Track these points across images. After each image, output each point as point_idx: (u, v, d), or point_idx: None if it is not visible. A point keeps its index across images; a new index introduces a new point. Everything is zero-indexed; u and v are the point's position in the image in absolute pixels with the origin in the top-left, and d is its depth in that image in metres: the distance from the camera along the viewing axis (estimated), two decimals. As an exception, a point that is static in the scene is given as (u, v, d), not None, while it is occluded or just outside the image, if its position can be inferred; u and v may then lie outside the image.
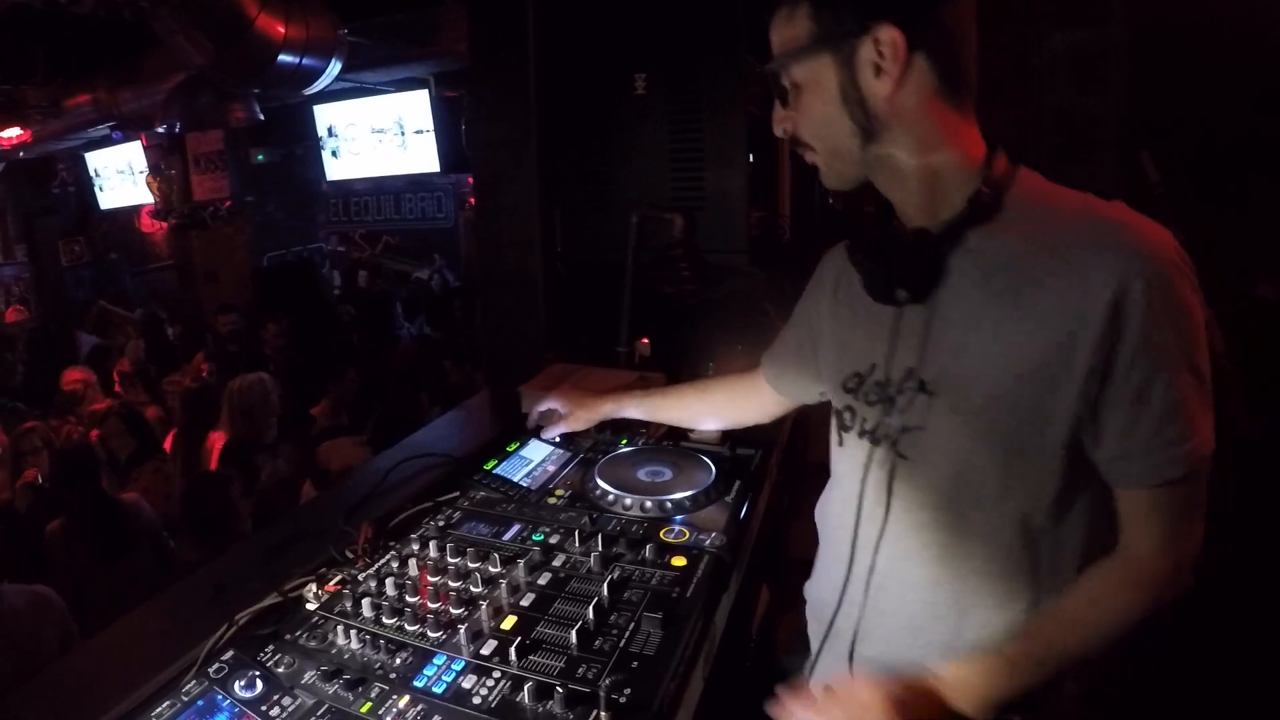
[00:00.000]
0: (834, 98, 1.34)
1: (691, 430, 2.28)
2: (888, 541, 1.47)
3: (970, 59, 1.37)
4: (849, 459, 1.54)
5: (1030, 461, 1.31)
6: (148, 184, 10.18)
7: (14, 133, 8.78)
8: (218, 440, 5.40)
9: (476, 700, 1.31)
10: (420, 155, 8.86)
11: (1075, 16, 3.46)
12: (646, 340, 2.90)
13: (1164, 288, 1.20)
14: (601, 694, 1.25)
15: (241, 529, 4.06)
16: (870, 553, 1.49)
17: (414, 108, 8.65)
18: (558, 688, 1.28)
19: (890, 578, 1.48)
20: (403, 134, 8.91)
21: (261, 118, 7.40)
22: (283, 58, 5.93)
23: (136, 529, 4.26)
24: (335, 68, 6.42)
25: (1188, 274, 1.24)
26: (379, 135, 9.15)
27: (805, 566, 1.74)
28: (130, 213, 12.93)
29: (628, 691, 1.30)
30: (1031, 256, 1.27)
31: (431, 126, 8.55)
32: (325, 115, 9.53)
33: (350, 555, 1.76)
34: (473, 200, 12.49)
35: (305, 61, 6.11)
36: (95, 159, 12.00)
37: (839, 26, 1.30)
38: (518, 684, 1.33)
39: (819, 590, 1.67)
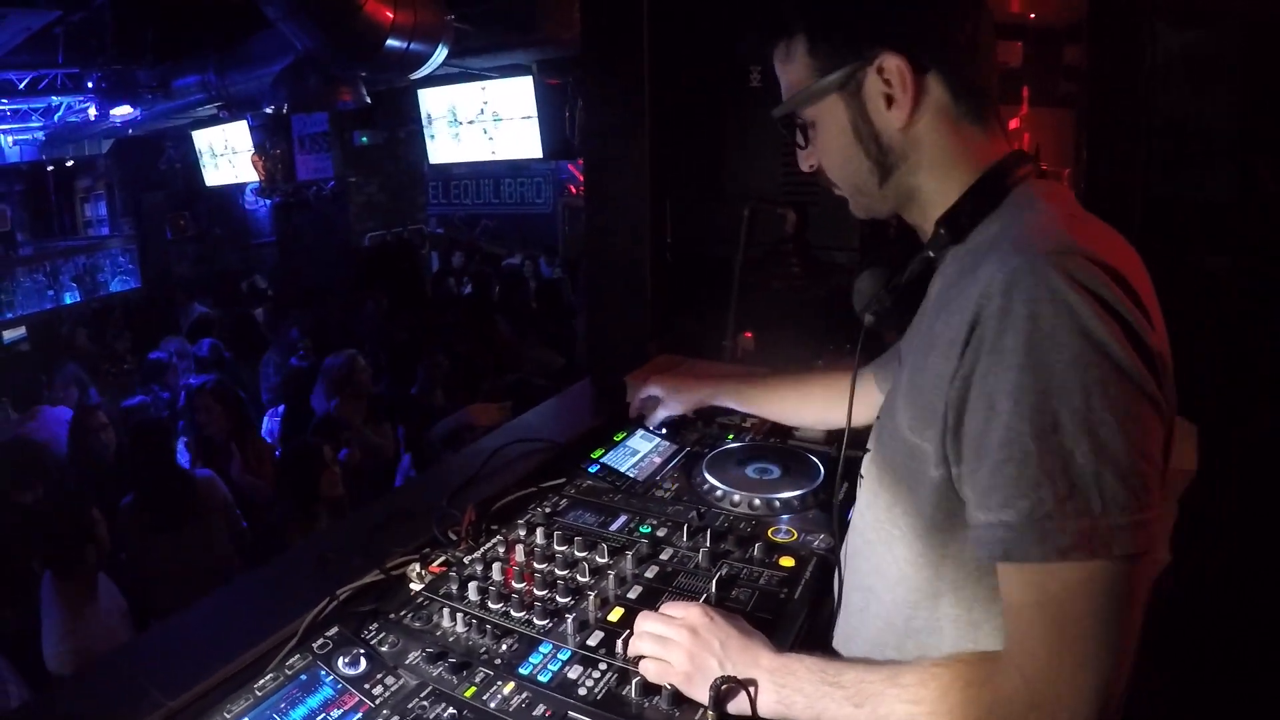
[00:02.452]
0: (847, 135, 1.30)
1: (796, 428, 2.25)
2: (854, 553, 1.46)
3: (991, 66, 1.31)
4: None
5: (921, 506, 1.21)
6: (252, 162, 10.41)
7: (124, 110, 9.02)
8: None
9: (582, 691, 1.30)
10: (522, 141, 8.89)
11: (1190, 16, 3.35)
12: (750, 335, 2.87)
13: (1025, 310, 1.00)
14: (711, 693, 1.23)
15: (336, 496, 4.14)
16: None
17: (517, 94, 8.68)
18: (666, 685, 1.26)
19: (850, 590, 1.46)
20: (506, 119, 8.95)
21: (368, 100, 7.50)
22: (391, 42, 6.00)
23: (208, 504, 4.35)
24: (442, 53, 6.48)
25: (1076, 307, 0.99)
26: (481, 120, 9.21)
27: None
28: (235, 190, 13.26)
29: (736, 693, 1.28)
30: (961, 274, 1.19)
31: (534, 113, 8.57)
32: (429, 99, 9.62)
33: (454, 537, 1.76)
34: (572, 188, 12.67)
35: (413, 46, 6.18)
36: (202, 137, 12.30)
37: (838, 60, 1.26)
38: (624, 677, 1.32)
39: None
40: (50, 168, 13.03)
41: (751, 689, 1.22)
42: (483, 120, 9.20)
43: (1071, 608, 1.00)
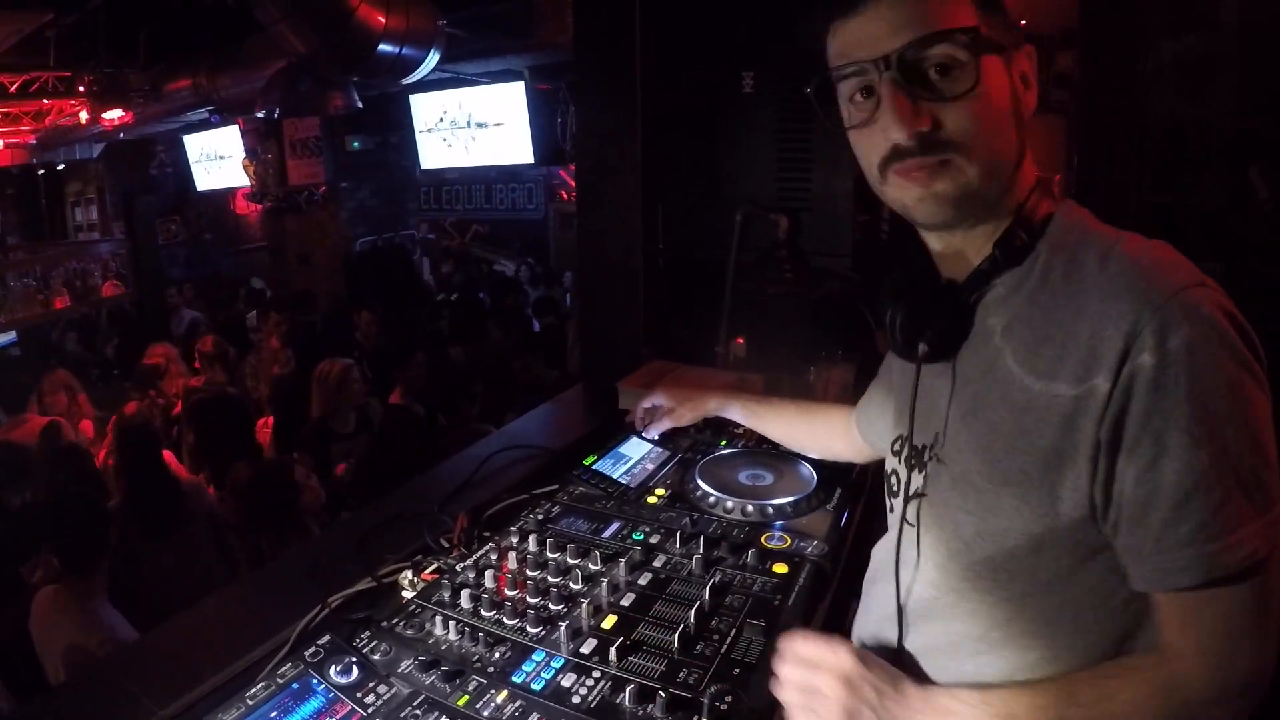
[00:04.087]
0: (1008, 102, 1.18)
1: None
2: (913, 601, 1.37)
3: None
4: (894, 522, 1.45)
5: (1038, 545, 1.16)
6: (244, 167, 10.39)
7: (116, 114, 9.00)
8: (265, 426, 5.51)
9: (576, 699, 1.29)
10: (513, 147, 8.91)
11: (1184, 22, 3.35)
12: (742, 340, 2.87)
13: (1183, 344, 1.01)
14: (705, 701, 1.23)
15: (316, 508, 4.13)
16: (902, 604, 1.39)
17: (509, 99, 8.69)
18: (660, 692, 1.26)
19: (920, 631, 1.37)
20: (498, 125, 8.96)
21: (360, 105, 7.49)
22: (383, 47, 5.99)
23: (194, 510, 4.33)
24: (434, 58, 6.47)
25: (1226, 332, 1.04)
26: (473, 126, 9.22)
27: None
28: (226, 195, 13.25)
29: (729, 700, 1.27)
30: (1051, 308, 1.15)
31: (526, 118, 8.58)
32: (421, 105, 9.64)
33: (446, 544, 1.76)
34: (564, 193, 12.67)
35: (405, 51, 6.17)
36: (193, 142, 12.28)
37: (1005, 25, 1.19)
38: (618, 685, 1.31)
39: (869, 627, 1.54)
40: (41, 171, 13.01)
41: None
42: (474, 126, 9.21)
43: (1255, 612, 1.06)
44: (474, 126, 9.23)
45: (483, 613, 1.52)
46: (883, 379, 1.73)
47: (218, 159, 12.08)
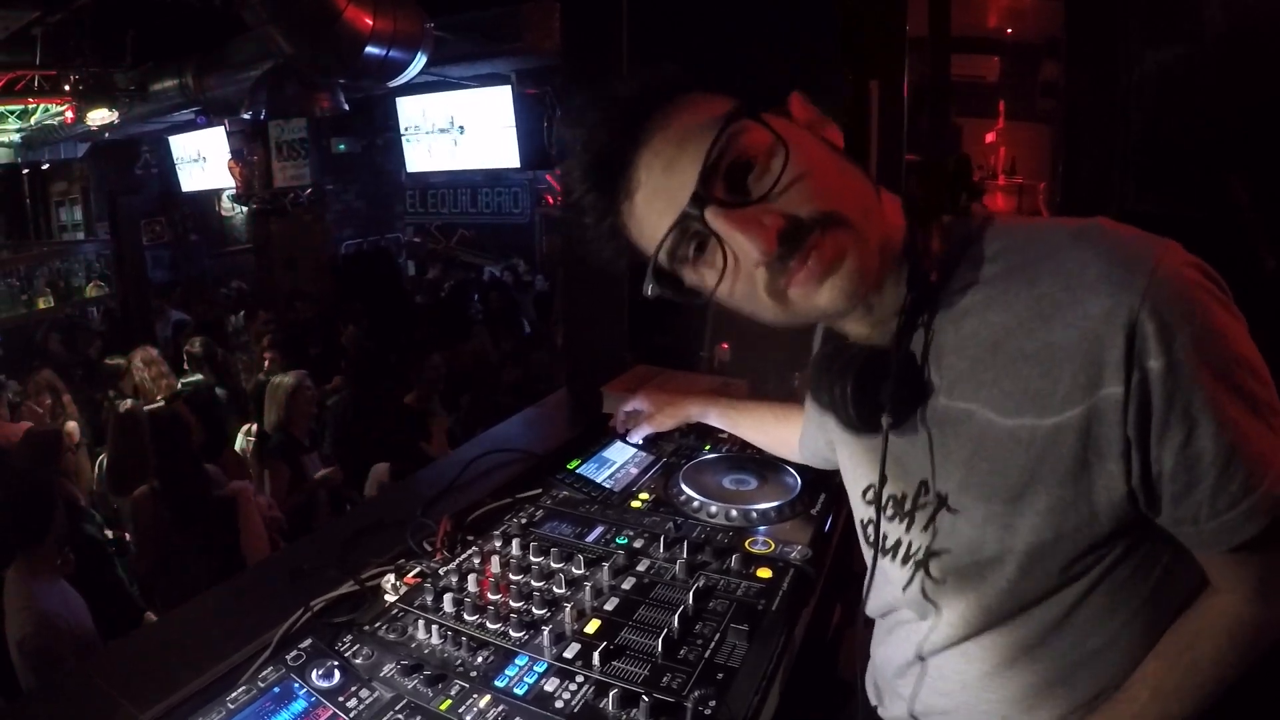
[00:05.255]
0: (820, 149, 1.15)
1: None
2: (935, 644, 1.30)
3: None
4: (883, 575, 1.34)
5: (1078, 556, 1.12)
6: (229, 168, 10.36)
7: (101, 114, 8.96)
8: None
9: (559, 704, 1.29)
10: (500, 151, 8.90)
11: (1166, 33, 3.37)
12: (726, 346, 2.87)
13: (1181, 309, 0.99)
14: (689, 706, 1.23)
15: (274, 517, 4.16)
16: (920, 650, 1.34)
17: (496, 103, 8.70)
18: (644, 696, 1.25)
19: (942, 675, 1.32)
20: (484, 129, 8.96)
21: (346, 108, 7.49)
22: (369, 49, 5.99)
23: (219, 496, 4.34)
24: (421, 61, 6.48)
25: (1205, 287, 1.02)
26: (460, 129, 9.22)
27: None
28: (211, 196, 13.21)
29: (713, 704, 1.27)
30: (1019, 323, 1.08)
31: (513, 122, 8.58)
32: (407, 108, 9.63)
33: (429, 548, 1.75)
34: (550, 198, 12.68)
35: (391, 54, 6.17)
36: (178, 143, 12.25)
37: (750, 94, 1.14)
38: (601, 690, 1.31)
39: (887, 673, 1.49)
40: (26, 171, 12.95)
41: None
42: (461, 129, 9.21)
43: None
44: (460, 130, 9.23)
45: (465, 617, 1.51)
46: (812, 420, 1.74)
47: (203, 160, 12.05)
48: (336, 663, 1.38)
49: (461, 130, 9.22)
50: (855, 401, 1.21)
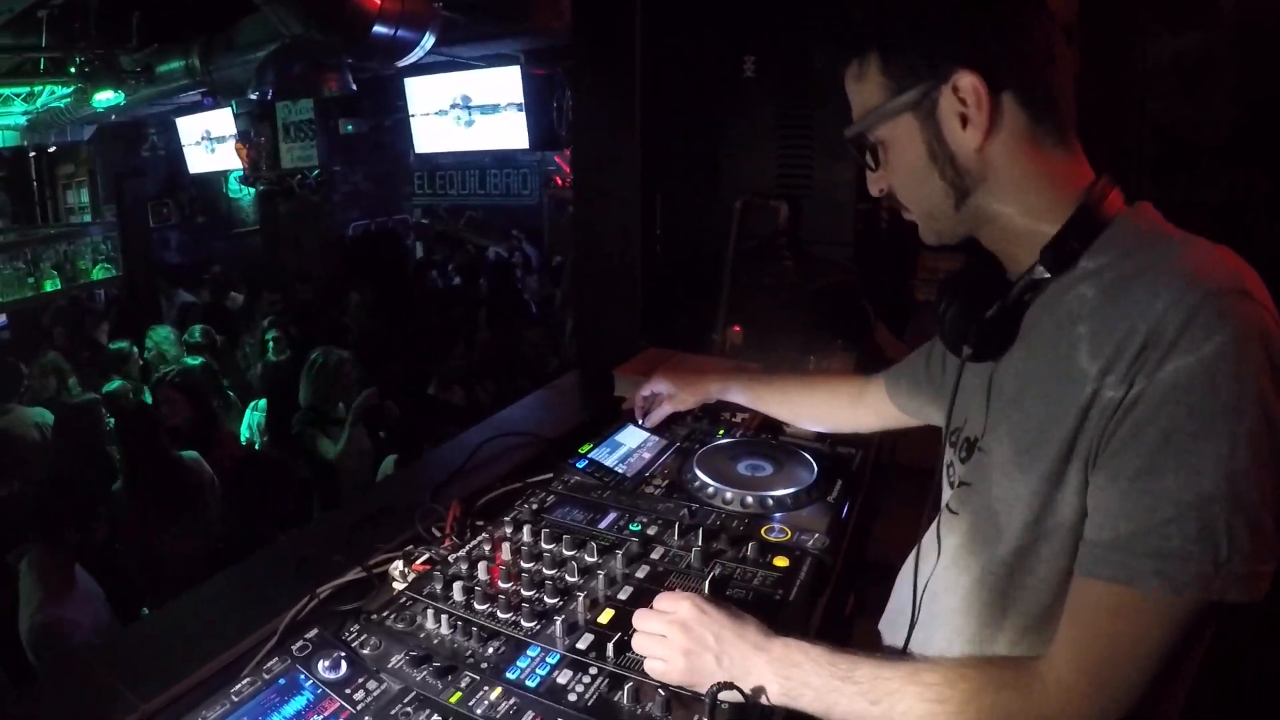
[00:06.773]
0: (922, 157, 1.24)
1: (788, 424, 2.21)
2: (933, 584, 1.42)
3: (1068, 81, 1.24)
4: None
5: (1044, 537, 1.17)
6: (236, 150, 10.35)
7: (108, 95, 8.93)
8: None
9: (572, 697, 1.26)
10: (508, 131, 8.88)
11: (1182, 20, 3.33)
12: (739, 329, 2.84)
13: (1192, 345, 0.99)
14: (706, 699, 1.20)
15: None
16: (920, 592, 1.45)
17: (504, 84, 8.67)
18: (659, 690, 1.23)
19: (932, 622, 1.40)
20: (492, 110, 8.92)
21: (354, 88, 7.45)
22: (378, 29, 5.95)
23: (199, 484, 4.32)
24: (429, 41, 6.44)
25: (1251, 349, 0.99)
26: (468, 110, 9.19)
27: (883, 570, 1.67)
28: (218, 178, 13.19)
29: (731, 696, 1.23)
30: (1096, 307, 1.13)
31: (521, 103, 8.55)
32: (415, 88, 9.59)
33: (438, 534, 1.72)
34: (558, 179, 12.64)
35: (400, 33, 6.14)
36: (186, 124, 12.23)
37: (913, 78, 1.20)
38: (616, 682, 1.28)
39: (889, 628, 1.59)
40: (33, 153, 12.92)
41: (750, 689, 1.21)
42: (469, 110, 9.17)
43: (1154, 635, 1.04)
44: (468, 111, 9.19)
45: (476, 606, 1.48)
46: (929, 350, 1.72)
47: (211, 142, 12.03)
48: (343, 653, 1.34)
49: (470, 111, 9.18)
50: (955, 318, 1.31)
